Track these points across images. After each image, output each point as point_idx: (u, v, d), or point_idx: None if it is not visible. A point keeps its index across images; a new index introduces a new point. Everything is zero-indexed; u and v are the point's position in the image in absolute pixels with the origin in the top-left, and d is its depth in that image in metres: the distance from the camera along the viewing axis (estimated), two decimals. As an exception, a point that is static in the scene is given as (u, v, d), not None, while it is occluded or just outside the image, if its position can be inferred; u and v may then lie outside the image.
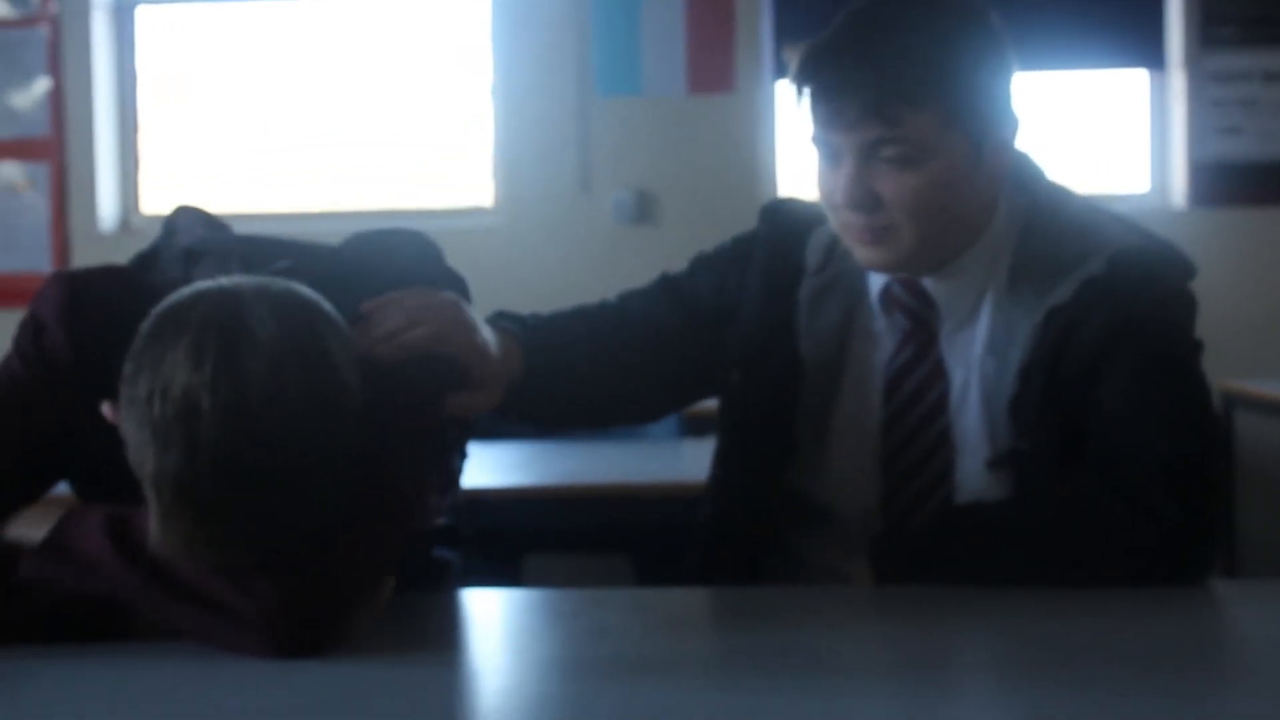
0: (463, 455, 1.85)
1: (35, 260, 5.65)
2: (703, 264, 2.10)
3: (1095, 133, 5.70)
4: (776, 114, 5.59)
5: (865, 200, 1.81)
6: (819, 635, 1.60)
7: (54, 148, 5.68)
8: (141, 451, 1.40)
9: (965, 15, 1.83)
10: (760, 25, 5.52)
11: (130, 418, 1.41)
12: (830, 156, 1.84)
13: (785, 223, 2.05)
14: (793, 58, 1.84)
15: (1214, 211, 5.42)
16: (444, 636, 1.64)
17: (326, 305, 1.50)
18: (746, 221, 2.11)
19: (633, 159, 5.54)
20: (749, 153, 5.52)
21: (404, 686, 1.41)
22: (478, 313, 1.84)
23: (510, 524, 2.78)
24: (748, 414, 1.99)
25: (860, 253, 1.87)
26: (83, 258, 5.60)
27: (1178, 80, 5.49)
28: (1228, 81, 5.44)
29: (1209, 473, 1.79)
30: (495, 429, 3.07)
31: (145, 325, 1.45)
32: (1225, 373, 5.06)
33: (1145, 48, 5.49)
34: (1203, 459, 1.79)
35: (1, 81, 5.69)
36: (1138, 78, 5.61)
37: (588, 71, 5.55)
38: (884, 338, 1.94)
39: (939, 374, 1.90)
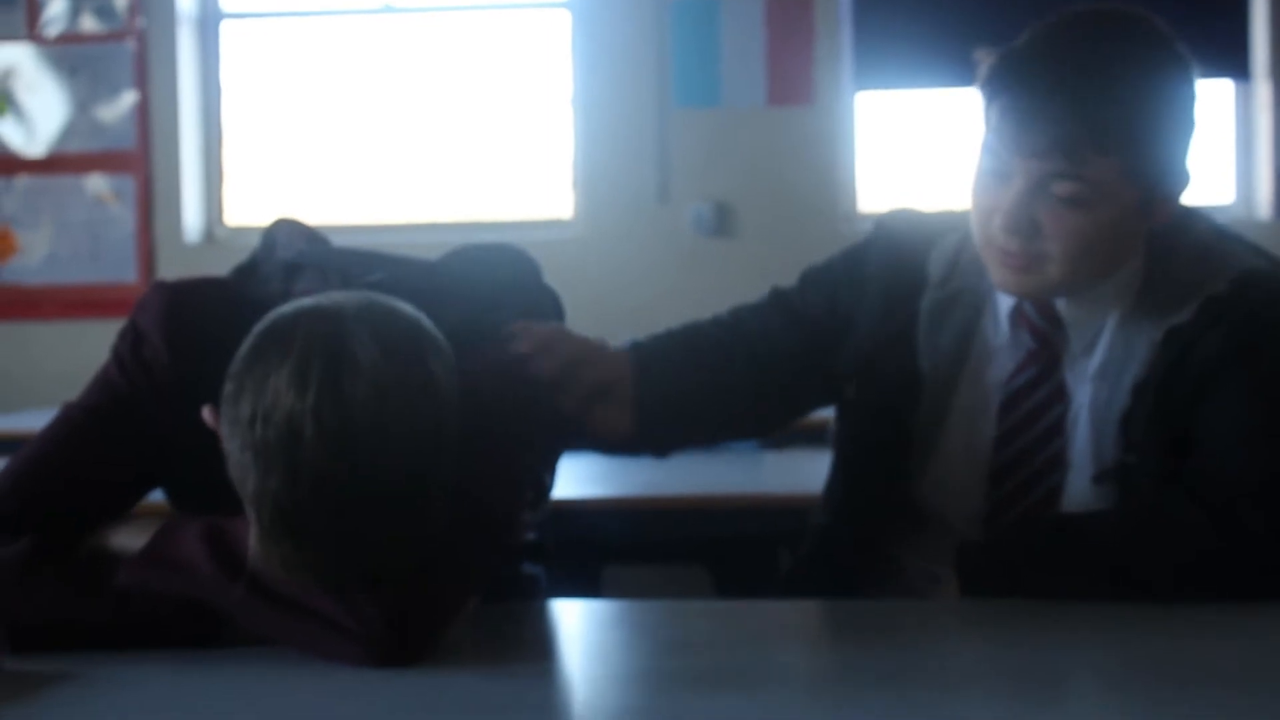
0: (553, 471, 1.86)
1: (121, 272, 5.72)
2: (813, 279, 2.08)
3: (1179, 143, 5.64)
4: (856, 126, 5.58)
5: (1025, 228, 1.78)
6: (906, 648, 1.59)
7: (140, 160, 5.76)
8: (243, 471, 1.41)
9: (1169, 63, 1.80)
10: (840, 37, 5.51)
11: (232, 436, 1.42)
12: (1000, 173, 1.80)
13: (903, 235, 2.02)
14: (985, 60, 1.82)
15: (1300, 223, 5.36)
16: (530, 648, 1.64)
17: (427, 324, 1.49)
18: (826, 234, 2.12)
19: (712, 171, 5.54)
20: (828, 165, 5.51)
21: (491, 697, 1.42)
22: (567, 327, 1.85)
23: (590, 535, 2.78)
24: (863, 427, 1.99)
25: (1000, 274, 1.84)
26: (168, 269, 5.67)
27: (1263, 90, 5.44)
28: (1314, 91, 5.38)
29: None
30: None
31: (247, 343, 1.45)
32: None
33: (1231, 58, 5.44)
34: None
35: (89, 95, 5.77)
36: (1223, 88, 5.56)
37: (667, 83, 5.56)
38: (1004, 354, 1.92)
39: (1060, 396, 1.88)
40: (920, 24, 5.39)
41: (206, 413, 1.52)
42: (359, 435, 1.39)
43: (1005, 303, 1.92)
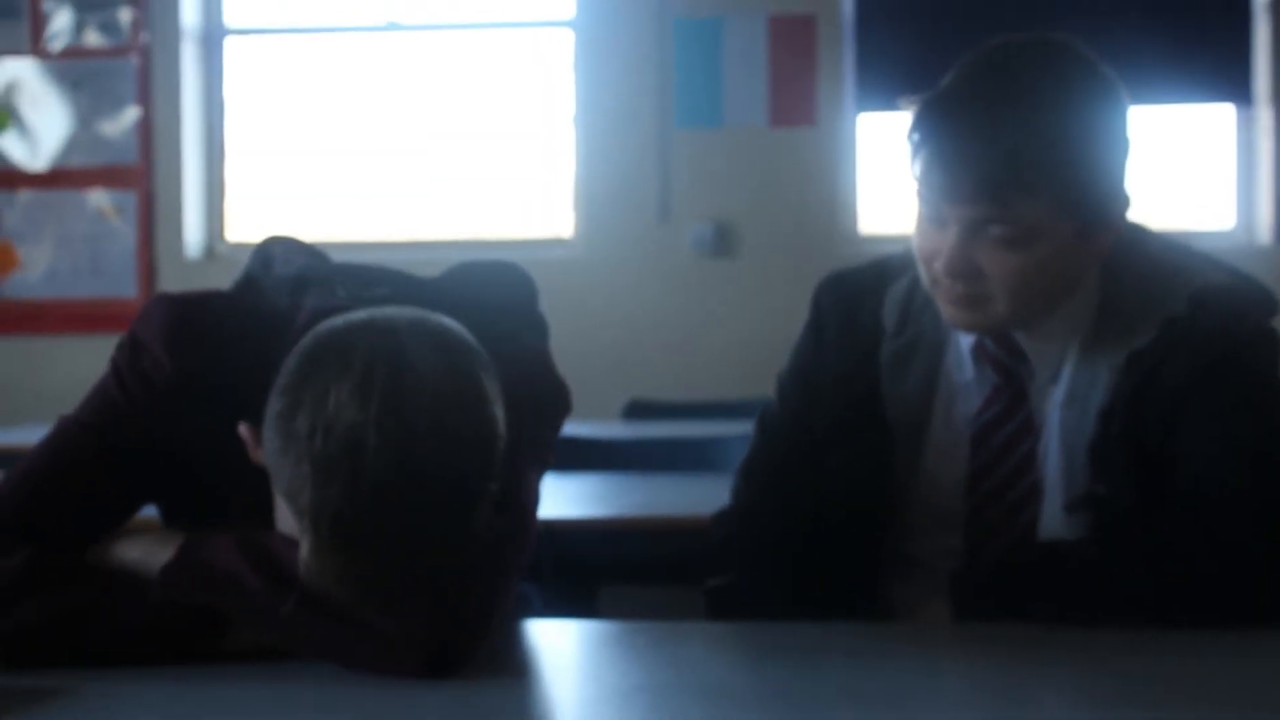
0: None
1: (122, 286, 5.73)
2: (788, 385, 2.05)
3: (1181, 168, 5.65)
4: (858, 147, 5.58)
5: (966, 271, 1.79)
6: (898, 671, 1.59)
7: (142, 176, 5.76)
8: (298, 484, 1.41)
9: (1092, 91, 1.78)
10: (842, 58, 5.52)
11: (286, 451, 1.42)
12: (935, 219, 1.81)
13: (850, 293, 2.01)
14: (909, 108, 1.81)
15: (1301, 248, 5.36)
16: (520, 666, 1.64)
17: (474, 340, 1.50)
18: (827, 255, 2.12)
19: (713, 191, 5.55)
20: (830, 186, 5.51)
21: (484, 714, 1.42)
22: (558, 347, 1.85)
23: (585, 555, 2.77)
24: (843, 489, 1.95)
25: (949, 312, 1.85)
26: (169, 284, 5.67)
27: (1265, 115, 5.44)
28: (1316, 117, 5.39)
29: None
30: (567, 460, 3.07)
31: (300, 357, 1.45)
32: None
33: (1232, 82, 5.45)
34: None
35: (92, 110, 5.78)
36: (1225, 113, 5.56)
37: (669, 103, 5.57)
38: (970, 390, 1.92)
39: (1029, 428, 1.88)
40: (922, 45, 5.40)
41: (244, 430, 1.52)
42: (420, 445, 1.40)
43: (966, 339, 1.91)
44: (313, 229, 5.85)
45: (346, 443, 1.39)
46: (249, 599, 1.51)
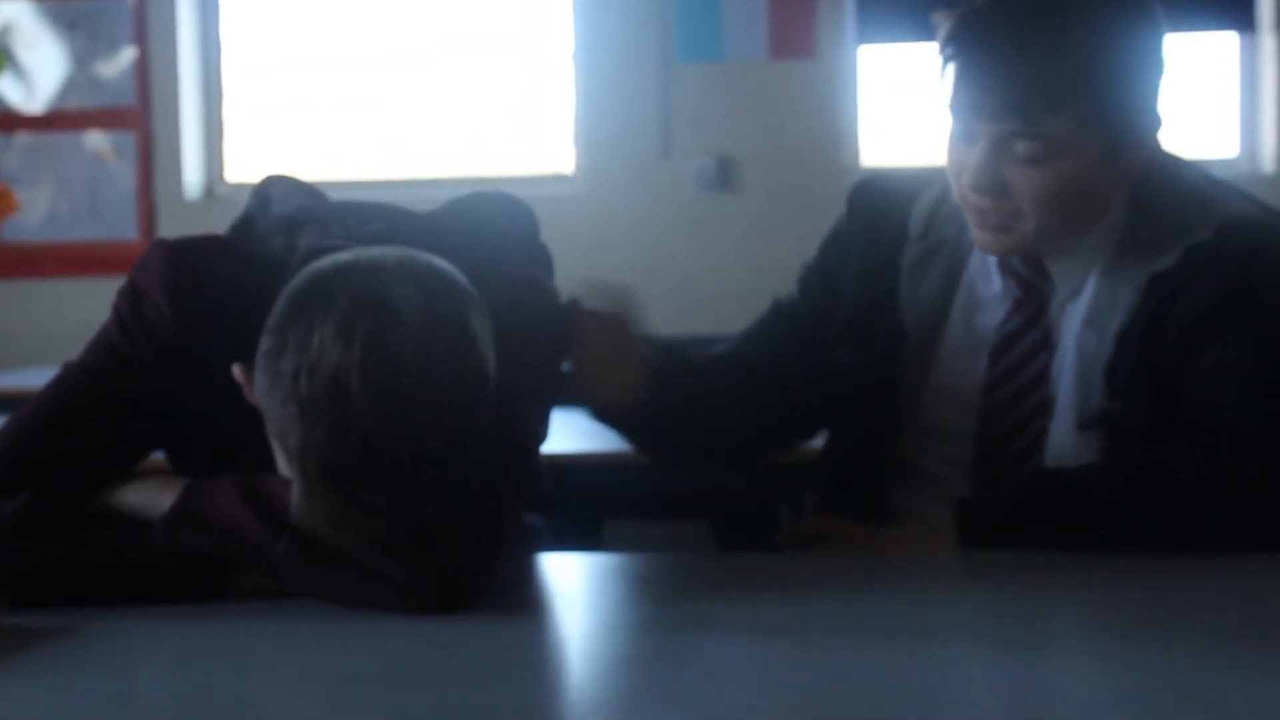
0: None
1: (121, 228, 5.71)
2: (807, 277, 2.09)
3: (1185, 96, 5.62)
4: (859, 80, 5.55)
5: (993, 187, 1.80)
6: (902, 599, 1.60)
7: (140, 117, 5.74)
8: (286, 426, 1.41)
9: (1124, 6, 1.79)
10: (843, -10, 5.48)
11: (272, 392, 1.42)
12: (964, 135, 1.82)
13: (880, 198, 2.03)
14: (942, 23, 1.82)
15: (1305, 176, 5.34)
16: (530, 600, 1.65)
17: (462, 278, 1.50)
18: (829, 189, 2.10)
19: (714, 126, 5.52)
20: (831, 119, 5.48)
21: (491, 647, 1.42)
22: (560, 285, 1.84)
23: (591, 490, 2.78)
24: (855, 389, 1.98)
25: (978, 235, 1.86)
26: (168, 226, 5.65)
27: (1268, 43, 5.41)
28: (1320, 44, 5.36)
29: None
30: (573, 393, 3.07)
31: (285, 300, 1.45)
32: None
33: (1235, 11, 5.42)
34: None
35: (88, 52, 5.74)
36: (1228, 41, 5.53)
37: (669, 37, 5.53)
38: (993, 302, 1.93)
39: (1045, 344, 1.89)
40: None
41: (237, 370, 1.52)
42: (405, 388, 1.39)
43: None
44: (313, 169, 5.83)
45: (330, 386, 1.38)
46: (249, 543, 1.51)
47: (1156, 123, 1.83)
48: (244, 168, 5.89)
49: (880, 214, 2.01)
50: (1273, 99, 5.41)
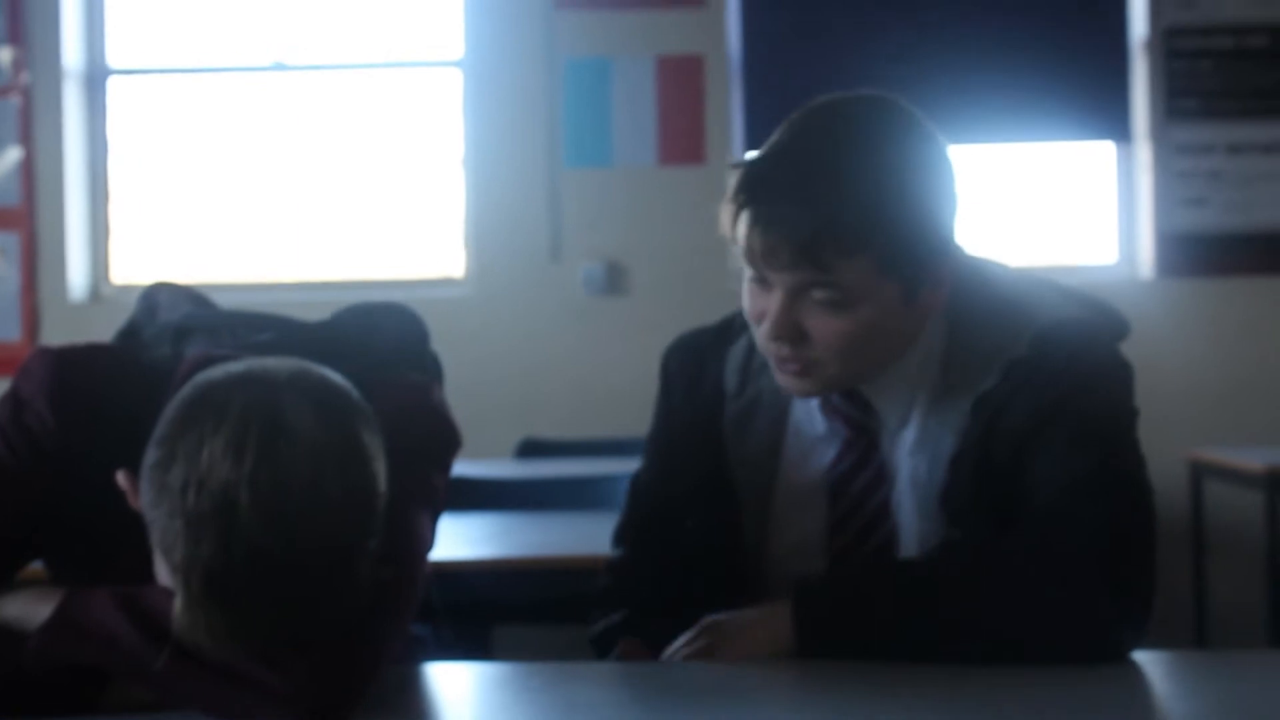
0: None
1: (4, 330, 5.63)
2: (649, 449, 2.05)
3: (1063, 205, 5.75)
4: (746, 185, 5.61)
5: (791, 335, 1.77)
6: (776, 711, 1.61)
7: (24, 217, 5.68)
8: (170, 539, 1.39)
9: (912, 146, 1.77)
10: (730, 97, 5.57)
11: (158, 503, 1.40)
12: (760, 282, 1.79)
13: (693, 356, 2.00)
14: (731, 175, 1.80)
15: (1181, 282, 5.46)
16: (415, 711, 1.63)
17: (355, 393, 1.49)
18: (717, 293, 2.12)
19: (603, 230, 5.56)
20: (719, 224, 5.52)
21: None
22: (450, 388, 1.84)
23: (479, 596, 2.76)
24: (699, 551, 1.95)
25: (782, 380, 1.83)
26: (52, 327, 5.59)
27: (1144, 152, 5.55)
28: (1193, 153, 5.50)
29: (1139, 547, 1.74)
30: (460, 500, 3.06)
31: (177, 409, 1.43)
32: (1193, 442, 5.09)
33: (1112, 120, 5.55)
34: (1132, 534, 1.74)
35: (-28, 152, 5.69)
36: (1105, 149, 5.66)
37: (558, 143, 5.58)
38: (823, 443, 1.90)
39: (881, 477, 1.86)
40: (808, 84, 5.44)
41: (121, 478, 1.50)
42: (294, 504, 1.38)
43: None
44: (200, 271, 5.80)
45: (219, 500, 1.37)
46: (128, 655, 1.48)
47: (953, 255, 1.80)
48: (130, 269, 5.84)
49: (696, 376, 1.98)
50: (1149, 207, 5.54)
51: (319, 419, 1.42)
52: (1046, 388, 1.78)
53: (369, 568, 1.46)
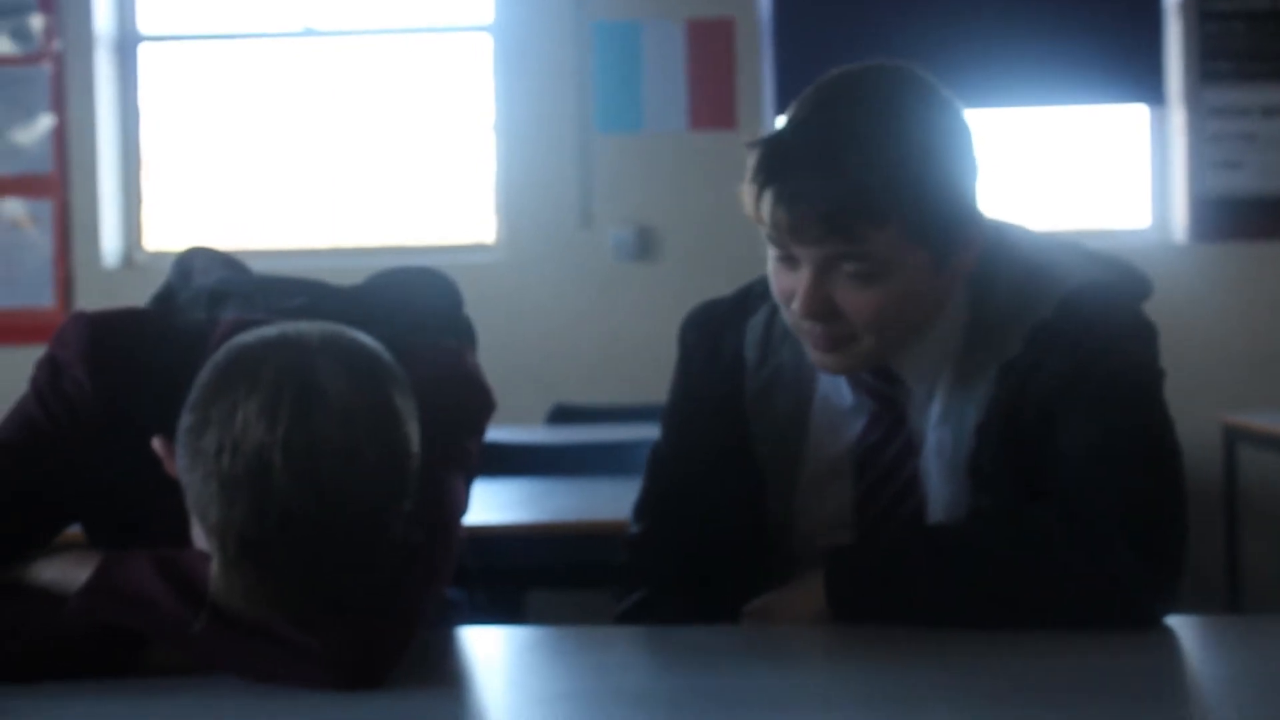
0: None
1: (38, 296, 5.66)
2: (667, 421, 2.03)
3: (1096, 168, 5.72)
4: (777, 150, 5.60)
5: (823, 311, 1.75)
6: (807, 673, 1.62)
7: (57, 184, 5.70)
8: (206, 502, 1.40)
9: (931, 114, 1.76)
10: (761, 61, 5.55)
11: (193, 468, 1.41)
12: (787, 260, 1.78)
13: (713, 327, 1.99)
14: (752, 153, 1.79)
15: (1214, 246, 5.44)
16: (449, 674, 1.64)
17: (387, 355, 1.50)
18: (747, 258, 2.11)
19: (634, 195, 5.55)
20: (742, 203, 5.51)
21: (407, 725, 1.41)
22: (481, 354, 1.84)
23: (512, 561, 2.77)
24: (722, 524, 1.94)
25: (816, 358, 1.82)
26: (85, 294, 5.61)
27: (1178, 115, 5.52)
28: (1227, 116, 5.47)
29: (1169, 510, 1.74)
30: (492, 465, 3.07)
31: (208, 374, 1.44)
32: (1226, 407, 5.07)
33: (1145, 83, 5.52)
34: (1161, 496, 1.74)
35: (5, 118, 5.71)
36: (1138, 113, 5.63)
37: (589, 108, 5.57)
38: (851, 415, 1.89)
39: (910, 450, 1.86)
40: (840, 47, 5.42)
41: (157, 444, 1.51)
42: (328, 466, 1.39)
43: None
44: (232, 237, 5.81)
45: (253, 463, 1.38)
46: (164, 618, 1.50)
47: (979, 222, 1.79)
48: (162, 236, 5.86)
49: (715, 347, 1.97)
50: (1182, 170, 5.51)
51: (351, 381, 1.43)
52: (1070, 352, 1.77)
53: (402, 529, 1.47)
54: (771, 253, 1.81)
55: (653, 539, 2.01)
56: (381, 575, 1.47)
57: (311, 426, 1.39)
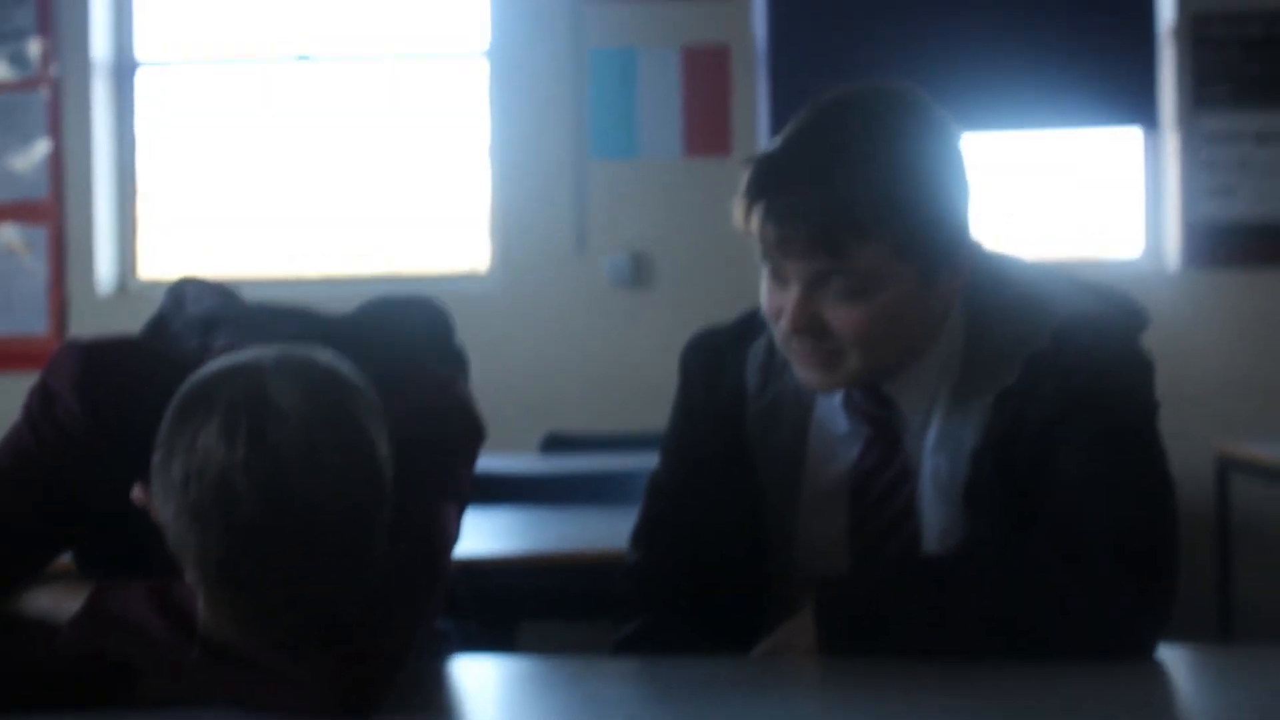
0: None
1: (32, 323, 5.66)
2: (667, 449, 2.03)
3: (1089, 194, 5.73)
4: (772, 176, 5.60)
5: (810, 327, 1.77)
6: (801, 705, 1.62)
7: (53, 211, 5.70)
8: (183, 536, 1.41)
9: (923, 134, 1.78)
10: (756, 88, 5.56)
11: (167, 503, 1.42)
12: (777, 277, 1.80)
13: (713, 355, 2.00)
14: (744, 170, 1.81)
15: (1207, 273, 5.43)
16: (440, 705, 1.64)
17: (345, 369, 1.51)
18: (741, 285, 2.10)
19: (629, 222, 5.56)
20: (734, 219, 5.52)
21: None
22: (474, 382, 1.84)
23: (505, 591, 2.77)
24: (722, 550, 1.94)
25: (803, 375, 1.83)
26: (80, 321, 5.61)
27: (1171, 141, 5.52)
28: (1221, 142, 5.47)
29: (1161, 543, 1.75)
30: (484, 495, 3.07)
31: (172, 408, 1.46)
32: (1220, 435, 5.07)
33: (1139, 108, 5.52)
34: (1153, 529, 1.75)
35: (1, 144, 5.71)
36: (1131, 137, 5.64)
37: (584, 134, 5.58)
38: (846, 442, 1.90)
39: (905, 477, 1.86)
40: (835, 74, 5.43)
41: (137, 490, 1.52)
42: (291, 479, 1.40)
43: (836, 392, 1.89)
44: (227, 264, 5.82)
45: (217, 487, 1.39)
46: (156, 649, 1.50)
47: (969, 244, 1.81)
48: (157, 263, 5.86)
49: (716, 375, 1.97)
50: (1175, 196, 5.51)
51: (306, 395, 1.44)
52: (1066, 382, 1.78)
53: (384, 543, 1.47)
54: (763, 272, 1.82)
55: (652, 565, 2.00)
56: (365, 592, 1.47)
57: (270, 443, 1.40)
